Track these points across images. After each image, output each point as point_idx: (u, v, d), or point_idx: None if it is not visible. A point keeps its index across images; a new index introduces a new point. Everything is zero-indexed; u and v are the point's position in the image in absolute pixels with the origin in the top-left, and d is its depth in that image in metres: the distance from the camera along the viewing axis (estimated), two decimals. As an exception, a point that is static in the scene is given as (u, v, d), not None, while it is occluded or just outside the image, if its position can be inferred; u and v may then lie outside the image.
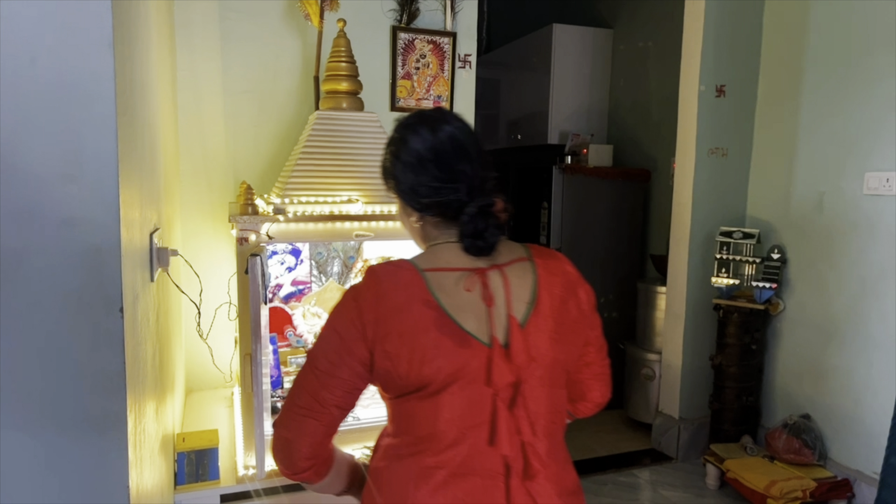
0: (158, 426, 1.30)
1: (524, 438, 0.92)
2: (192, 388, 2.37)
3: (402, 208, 1.04)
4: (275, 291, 2.24)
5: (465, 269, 0.96)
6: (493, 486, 0.91)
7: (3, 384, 0.80)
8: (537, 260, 1.03)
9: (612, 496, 2.69)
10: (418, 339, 0.89)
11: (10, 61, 0.78)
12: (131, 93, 1.00)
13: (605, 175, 3.55)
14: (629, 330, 3.61)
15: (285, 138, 2.42)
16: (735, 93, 2.92)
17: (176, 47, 2.23)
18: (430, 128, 0.97)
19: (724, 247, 2.83)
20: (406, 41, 2.54)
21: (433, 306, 0.91)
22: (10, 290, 0.79)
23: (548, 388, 0.97)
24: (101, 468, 0.85)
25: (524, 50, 4.16)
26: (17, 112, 0.78)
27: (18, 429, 0.81)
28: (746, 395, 2.83)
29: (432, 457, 0.91)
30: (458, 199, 0.95)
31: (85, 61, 0.79)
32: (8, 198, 0.79)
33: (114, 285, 0.83)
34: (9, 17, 0.78)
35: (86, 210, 0.81)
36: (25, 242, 0.80)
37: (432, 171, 0.95)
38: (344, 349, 0.92)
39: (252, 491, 1.66)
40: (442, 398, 0.90)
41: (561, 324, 0.98)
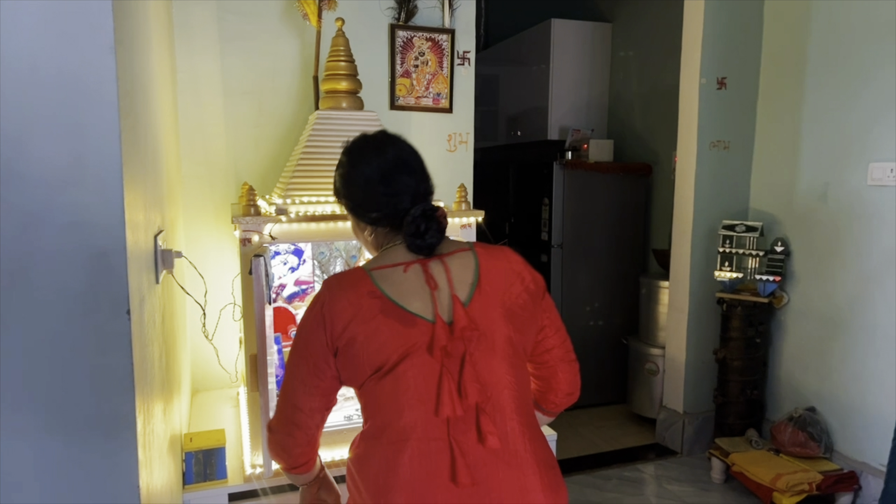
0: (166, 427, 1.30)
1: (474, 402, 0.99)
2: (197, 388, 2.38)
3: (355, 223, 1.17)
4: (278, 291, 2.24)
5: (409, 262, 1.07)
6: (442, 450, 0.98)
7: (13, 387, 0.81)
8: (479, 250, 1.12)
9: (616, 491, 2.70)
10: (368, 324, 1.01)
11: (12, 65, 0.78)
12: (133, 95, 1.01)
13: (606, 170, 3.55)
14: (632, 325, 3.61)
15: (285, 139, 2.42)
16: (736, 85, 2.92)
17: (175, 49, 2.24)
18: (374, 150, 1.10)
19: (727, 240, 2.83)
20: (404, 39, 2.54)
21: (378, 296, 1.02)
22: (18, 293, 0.80)
23: (506, 362, 1.05)
24: (111, 469, 0.85)
25: (523, 46, 4.15)
26: (21, 116, 0.78)
27: (29, 432, 0.81)
28: (751, 389, 2.83)
29: (399, 431, 0.99)
30: (402, 208, 1.07)
31: (87, 64, 0.80)
32: (13, 202, 0.79)
33: (120, 288, 0.83)
34: (11, 20, 0.78)
35: (91, 213, 0.81)
36: (31, 246, 0.80)
37: (378, 188, 1.08)
38: (315, 360, 1.04)
39: (259, 490, 1.67)
40: (397, 374, 1.00)
41: (510, 306, 1.08)
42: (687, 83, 2.94)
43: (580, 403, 3.54)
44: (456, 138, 2.68)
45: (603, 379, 3.68)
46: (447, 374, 0.99)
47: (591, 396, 3.66)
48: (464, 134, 2.69)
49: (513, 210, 4.02)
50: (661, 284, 3.28)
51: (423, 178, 1.11)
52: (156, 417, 1.11)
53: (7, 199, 0.79)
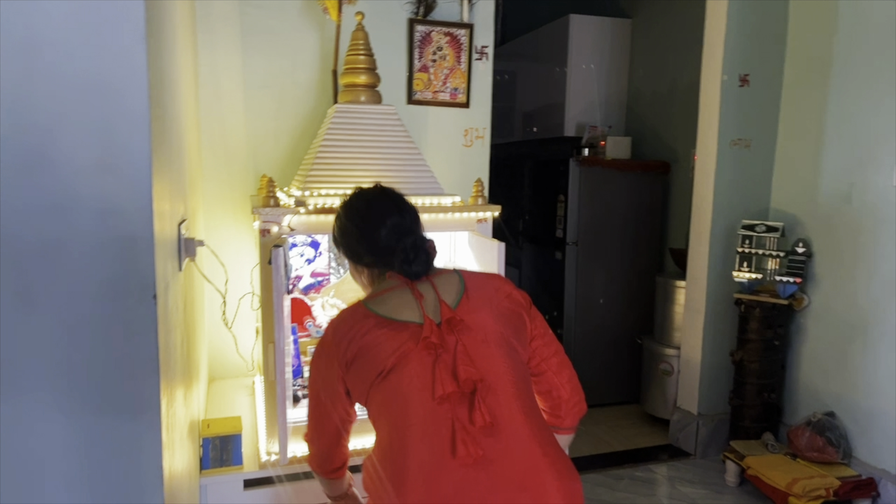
0: (186, 411, 1.33)
1: (467, 380, 1.07)
2: (213, 376, 2.41)
3: (353, 267, 1.32)
4: (295, 283, 2.27)
5: (398, 285, 1.20)
6: (443, 427, 1.05)
7: (44, 367, 0.83)
8: (465, 273, 1.27)
9: (628, 491, 2.69)
10: (365, 339, 1.13)
11: (47, 56, 0.80)
12: (161, 86, 1.02)
13: (623, 167, 3.53)
14: (646, 324, 3.59)
15: (304, 132, 2.44)
16: (759, 82, 2.88)
17: (197, 43, 2.26)
18: (366, 206, 1.27)
19: (747, 240, 2.80)
20: (423, 34, 2.54)
21: (371, 315, 1.16)
22: (51, 277, 0.82)
23: (500, 351, 1.14)
24: (136, 449, 0.87)
25: (540, 41, 4.13)
26: (55, 105, 0.80)
27: (58, 410, 0.83)
28: (768, 392, 2.80)
29: (405, 419, 1.08)
30: (391, 245, 1.21)
31: (119, 56, 0.81)
32: (46, 189, 0.81)
33: (147, 273, 0.85)
34: (46, 12, 0.80)
35: (121, 201, 0.83)
36: (64, 232, 0.82)
37: (370, 238, 1.23)
38: (330, 387, 1.18)
39: (275, 477, 1.69)
40: (396, 371, 1.10)
41: (498, 310, 1.20)
42: (708, 80, 2.91)
43: (593, 402, 3.55)
44: (472, 133, 2.69)
45: (616, 378, 3.66)
46: (441, 363, 1.09)
47: (604, 396, 3.65)
48: (480, 129, 2.69)
49: (527, 207, 4.01)
50: (677, 284, 3.26)
51: (411, 219, 1.26)
52: (177, 402, 1.13)
53: (40, 186, 0.81)
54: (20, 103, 0.81)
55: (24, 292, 0.83)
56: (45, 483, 0.86)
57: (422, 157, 2.02)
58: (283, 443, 1.61)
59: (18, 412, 0.84)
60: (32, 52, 0.81)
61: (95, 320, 0.86)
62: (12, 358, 0.83)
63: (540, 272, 3.89)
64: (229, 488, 1.69)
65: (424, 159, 2.03)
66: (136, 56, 0.82)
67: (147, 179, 0.85)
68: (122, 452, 0.87)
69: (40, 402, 0.84)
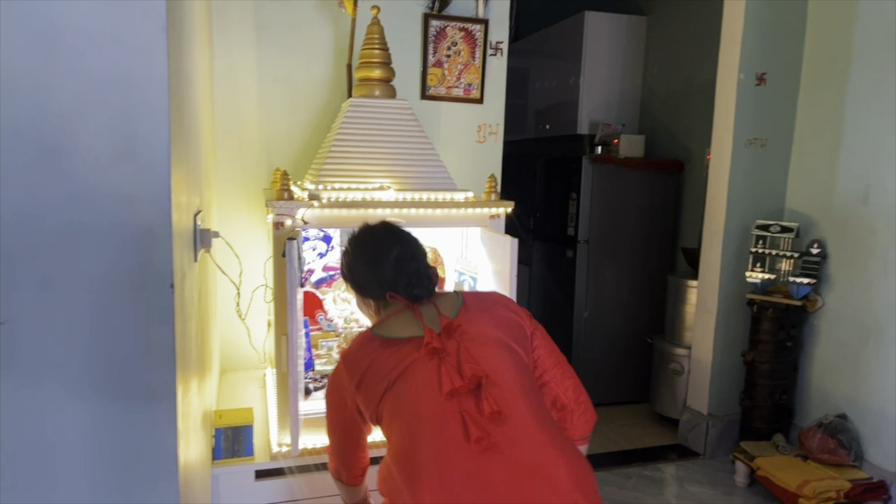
0: (200, 402, 1.34)
1: (471, 375, 1.12)
2: (225, 368, 2.43)
3: (360, 300, 1.40)
4: (307, 277, 2.28)
5: (400, 309, 1.28)
6: (453, 419, 1.10)
7: (63, 353, 0.84)
8: (464, 293, 1.35)
9: (637, 490, 2.68)
10: (369, 358, 1.22)
11: (69, 48, 0.81)
12: (180, 77, 1.03)
13: (636, 166, 3.51)
14: (657, 324, 3.58)
15: (318, 126, 2.45)
16: (776, 81, 2.85)
17: (213, 37, 2.27)
18: (373, 244, 1.34)
19: (760, 240, 2.78)
20: (437, 29, 2.54)
21: (375, 339, 1.25)
22: (71, 265, 0.83)
23: (502, 351, 1.20)
24: (152, 437, 0.88)
25: (554, 38, 4.11)
26: (76, 97, 0.81)
27: (77, 396, 0.84)
28: (780, 393, 2.78)
29: (417, 418, 1.13)
30: (395, 277, 1.29)
31: (140, 47, 0.82)
32: (67, 179, 0.82)
33: (165, 263, 0.86)
34: (68, 4, 0.81)
35: (140, 190, 0.83)
36: (84, 221, 0.83)
37: (377, 272, 1.31)
38: (345, 409, 1.27)
39: (286, 468, 1.70)
40: (403, 379, 1.16)
41: (497, 319, 1.27)
42: (724, 78, 2.89)
43: (602, 401, 3.56)
44: (486, 129, 2.68)
45: (626, 377, 3.65)
46: (445, 363, 1.15)
47: (613, 394, 3.64)
48: (494, 125, 2.69)
49: (539, 204, 4.00)
50: (689, 284, 3.24)
51: (414, 248, 1.35)
52: (192, 391, 1.14)
53: (61, 176, 0.82)
54: (42, 94, 0.82)
55: (45, 280, 0.84)
56: (63, 468, 0.87)
57: (435, 153, 2.02)
58: (295, 434, 1.62)
59: (38, 399, 0.85)
60: (54, 43, 0.81)
61: (114, 309, 0.87)
62: (33, 345, 0.85)
63: (550, 270, 3.88)
64: (241, 479, 1.70)
65: (438, 155, 2.03)
66: (157, 48, 0.83)
67: (166, 170, 0.86)
68: (139, 440, 0.88)
69: (60, 389, 0.86)
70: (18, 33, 0.80)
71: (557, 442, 1.13)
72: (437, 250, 2.34)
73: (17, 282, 0.83)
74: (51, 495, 0.88)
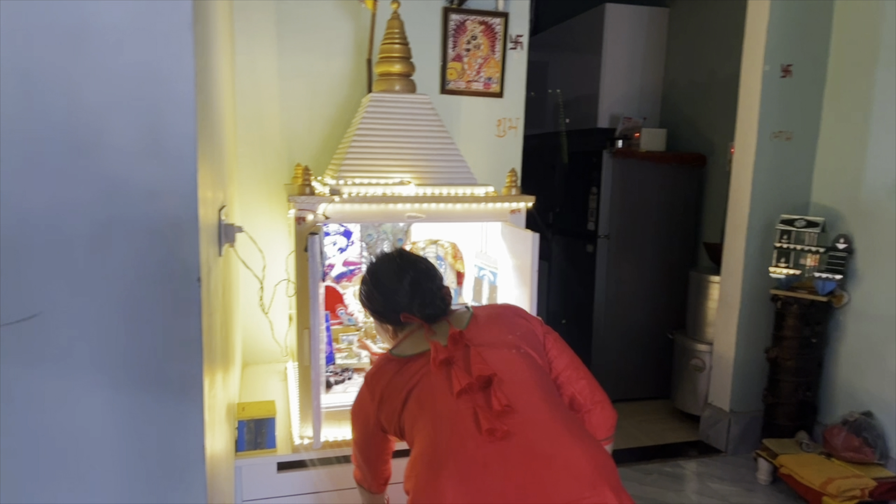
0: (224, 394, 1.36)
1: (479, 374, 1.16)
2: (246, 361, 2.46)
3: (378, 325, 1.48)
4: (327, 271, 2.29)
5: (415, 329, 1.36)
6: (466, 415, 1.13)
7: (94, 346, 0.86)
8: (475, 307, 1.42)
9: (657, 486, 2.67)
10: (389, 378, 1.30)
11: (98, 43, 0.82)
12: (205, 75, 1.04)
13: (657, 160, 3.47)
14: (678, 319, 3.54)
15: (338, 121, 2.46)
16: (802, 73, 2.79)
17: (235, 33, 2.29)
18: (390, 272, 1.42)
19: (785, 235, 2.73)
20: (457, 23, 2.53)
21: (394, 360, 1.33)
22: (101, 260, 0.84)
23: (514, 352, 1.26)
24: (181, 428, 0.90)
25: (574, 31, 4.07)
26: (106, 91, 0.82)
27: (107, 388, 0.86)
28: (804, 390, 2.74)
29: (435, 420, 1.17)
30: (410, 301, 1.37)
31: (167, 42, 0.83)
32: (97, 172, 0.83)
33: (192, 257, 0.87)
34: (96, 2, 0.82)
35: (168, 185, 0.85)
36: (113, 215, 0.84)
37: (393, 299, 1.39)
38: (368, 433, 1.36)
39: (308, 461, 1.72)
40: (419, 389, 1.23)
41: (506, 325, 1.34)
42: (749, 70, 2.84)
43: (622, 397, 3.55)
44: (506, 123, 2.67)
45: (646, 373, 3.62)
46: (455, 367, 1.20)
47: (634, 390, 3.61)
48: (514, 119, 2.68)
49: (559, 199, 3.97)
50: (711, 279, 3.20)
51: (426, 270, 1.43)
52: (217, 384, 1.16)
53: (91, 172, 0.84)
54: (72, 91, 0.83)
55: (76, 274, 0.86)
56: (93, 460, 0.89)
57: (455, 147, 2.01)
58: (317, 427, 1.64)
59: (69, 390, 0.87)
60: (84, 40, 0.83)
61: (142, 303, 0.88)
62: (63, 338, 0.86)
63: (570, 265, 3.86)
64: (263, 471, 1.72)
65: (458, 149, 2.03)
66: (184, 44, 0.84)
67: (192, 166, 0.87)
68: (167, 432, 0.90)
69: (90, 381, 0.87)
70: (50, 32, 0.81)
71: (574, 432, 1.14)
72: (457, 245, 2.34)
73: (49, 275, 0.85)
74: (81, 485, 0.90)
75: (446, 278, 2.34)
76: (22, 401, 0.86)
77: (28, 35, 0.81)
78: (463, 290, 2.35)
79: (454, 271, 2.34)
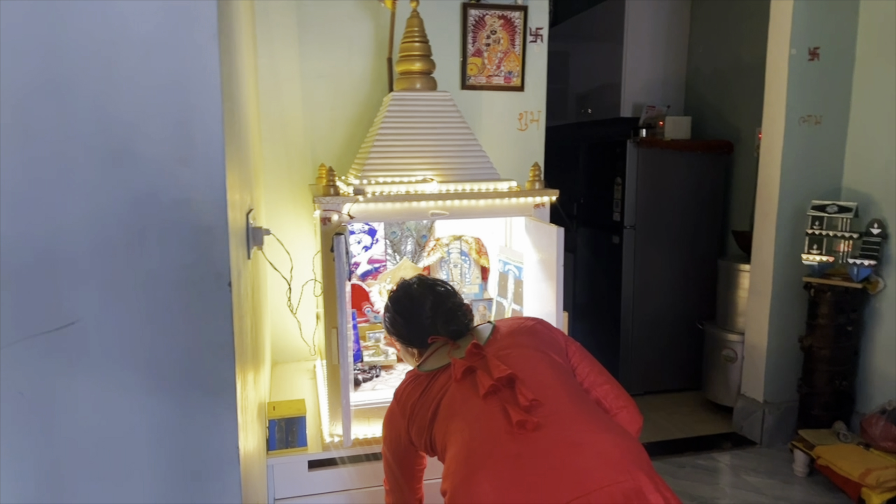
0: (255, 394, 1.38)
1: (503, 375, 1.19)
2: (275, 360, 2.50)
3: (404, 349, 1.53)
4: (353, 270, 2.31)
5: (439, 346, 1.41)
6: (495, 413, 1.16)
7: (128, 349, 0.88)
8: (497, 321, 1.47)
9: (690, 479, 2.64)
10: (418, 393, 1.33)
11: (127, 55, 0.84)
12: (231, 80, 1.06)
13: (683, 148, 3.41)
14: (708, 309, 3.49)
15: (360, 120, 2.47)
16: (830, 55, 2.72)
17: (256, 35, 2.32)
18: (409, 300, 1.49)
19: (817, 221, 2.67)
20: (476, 18, 2.52)
21: (421, 375, 1.37)
22: (134, 265, 0.86)
23: (538, 354, 1.30)
24: (215, 429, 0.92)
25: (594, 20, 4.02)
26: (136, 101, 0.84)
27: (142, 391, 0.89)
28: (840, 379, 2.68)
29: (464, 424, 1.19)
30: (434, 323, 1.44)
31: (194, 53, 0.84)
32: (129, 180, 0.86)
33: (223, 261, 0.89)
34: (125, 13, 0.84)
35: (198, 191, 0.86)
36: (145, 222, 0.86)
37: (416, 323, 1.46)
38: (401, 448, 1.38)
39: (338, 459, 1.74)
40: (447, 400, 1.26)
41: (527, 333, 1.38)
42: (775, 55, 2.77)
43: (651, 389, 3.51)
44: (527, 117, 2.65)
45: (676, 364, 3.58)
46: (478, 374, 1.24)
47: (664, 382, 3.57)
48: (535, 112, 2.66)
49: (582, 190, 3.94)
50: (740, 268, 3.15)
51: (447, 292, 1.50)
52: (249, 384, 1.18)
53: (123, 178, 0.86)
54: (104, 101, 0.85)
55: (111, 281, 0.88)
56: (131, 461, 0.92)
57: (478, 143, 2.01)
58: (347, 425, 1.66)
59: (107, 394, 0.90)
60: (115, 53, 0.85)
61: (175, 307, 0.90)
62: (100, 343, 0.89)
63: (596, 257, 3.83)
64: (295, 469, 1.75)
65: (480, 145, 2.02)
66: (210, 54, 0.85)
67: (221, 171, 0.88)
68: (202, 432, 0.92)
69: (127, 386, 0.90)
70: (82, 45, 0.83)
71: (603, 422, 1.15)
72: (481, 240, 2.34)
73: (85, 283, 0.88)
74: (119, 487, 0.92)
75: (471, 274, 2.34)
76: (62, 405, 0.89)
77: (62, 48, 0.83)
78: (488, 286, 2.35)
79: (478, 266, 2.34)
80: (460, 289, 2.15)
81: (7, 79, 0.82)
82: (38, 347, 0.86)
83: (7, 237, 0.84)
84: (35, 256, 0.85)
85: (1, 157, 0.83)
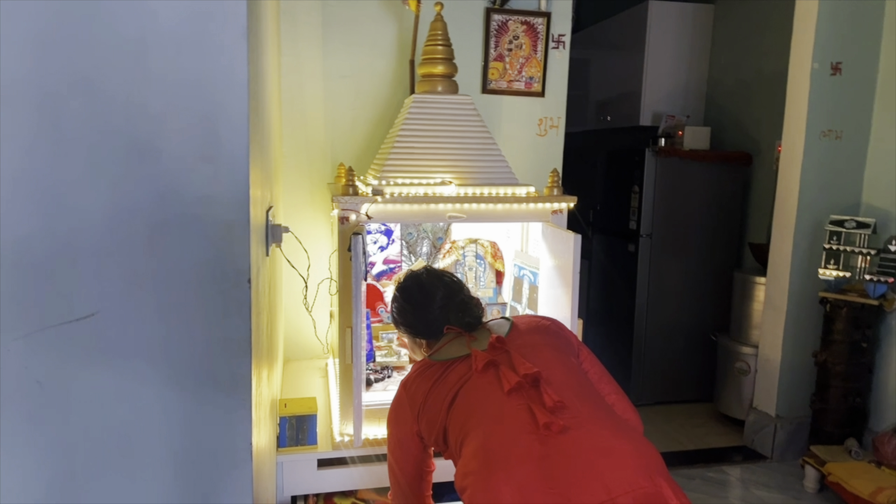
0: (268, 391, 1.40)
1: (527, 373, 1.18)
2: (287, 357, 2.51)
3: (411, 341, 1.51)
4: (368, 270, 2.33)
5: (453, 338, 1.38)
6: (521, 411, 1.14)
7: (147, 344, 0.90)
8: (514, 317, 1.45)
9: (700, 491, 2.61)
10: (431, 384, 1.30)
11: (156, 53, 0.86)
12: (256, 79, 1.07)
13: (701, 158, 3.39)
14: (722, 321, 3.46)
15: (381, 121, 2.49)
16: (853, 70, 2.69)
17: (281, 34, 2.34)
18: (419, 291, 1.46)
19: (834, 236, 2.64)
20: (499, 23, 2.52)
21: (433, 364, 1.34)
22: (156, 261, 0.88)
23: (556, 355, 1.30)
24: (230, 424, 0.93)
25: (616, 28, 4.01)
26: (163, 98, 0.86)
27: (159, 385, 0.90)
28: (854, 396, 2.64)
29: (485, 420, 1.17)
30: (443, 314, 1.41)
31: (222, 51, 0.86)
32: (154, 177, 0.87)
33: (243, 258, 0.90)
34: (155, 13, 0.85)
35: (221, 188, 0.88)
36: (168, 218, 0.88)
37: (425, 312, 1.44)
38: (406, 448, 1.34)
39: (348, 458, 1.75)
40: (464, 393, 1.24)
41: (544, 333, 1.38)
42: (797, 68, 2.75)
43: (663, 399, 3.49)
44: (547, 122, 2.66)
45: (689, 376, 3.55)
46: (501, 368, 1.22)
47: (675, 392, 3.55)
48: (555, 118, 2.66)
49: (599, 197, 3.93)
50: (756, 280, 3.12)
51: (457, 285, 1.48)
52: (263, 381, 1.20)
53: (149, 175, 0.87)
54: (131, 98, 0.87)
55: (133, 274, 0.90)
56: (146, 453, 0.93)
57: (497, 148, 2.02)
58: (358, 425, 1.67)
59: (124, 386, 0.91)
60: (143, 50, 0.86)
61: (194, 302, 0.91)
62: (119, 336, 0.90)
63: (611, 264, 3.81)
64: (304, 467, 1.76)
65: (499, 149, 2.03)
66: (238, 53, 0.87)
67: (245, 170, 0.90)
68: (217, 427, 0.93)
69: (144, 378, 0.91)
70: (111, 42, 0.85)
71: (622, 427, 1.17)
72: (497, 244, 2.34)
73: (107, 275, 0.89)
74: (134, 478, 0.94)
75: (485, 277, 2.34)
76: (79, 396, 0.90)
77: (91, 46, 0.85)
78: (502, 290, 2.35)
79: (493, 270, 2.34)
80: (475, 292, 2.16)
81: (37, 73, 0.84)
82: (56, 338, 0.88)
83: (31, 228, 0.86)
84: (58, 247, 0.87)
85: (29, 150, 0.85)
